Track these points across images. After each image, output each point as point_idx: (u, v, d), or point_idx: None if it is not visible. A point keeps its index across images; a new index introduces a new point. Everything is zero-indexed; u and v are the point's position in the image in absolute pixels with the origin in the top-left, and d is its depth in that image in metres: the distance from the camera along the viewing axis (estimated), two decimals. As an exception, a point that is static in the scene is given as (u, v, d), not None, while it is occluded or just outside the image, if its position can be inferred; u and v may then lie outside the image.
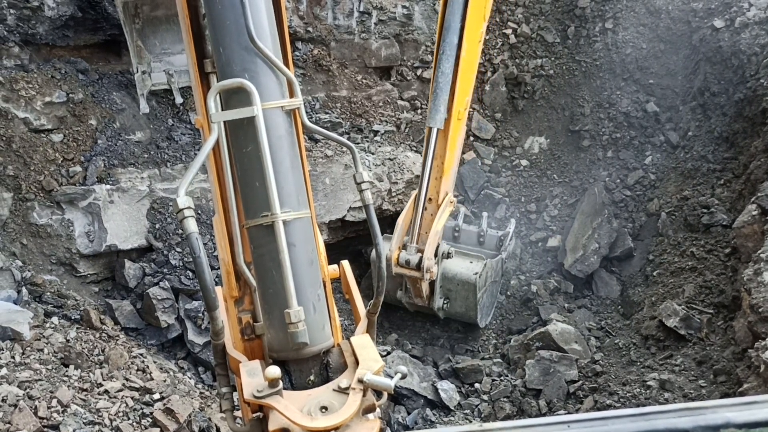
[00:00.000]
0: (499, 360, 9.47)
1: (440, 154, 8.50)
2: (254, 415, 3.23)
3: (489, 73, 11.94)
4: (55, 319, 7.98)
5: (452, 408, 8.71)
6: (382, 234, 3.99)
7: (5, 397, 6.36)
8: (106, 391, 7.09)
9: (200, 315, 8.91)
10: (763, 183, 8.43)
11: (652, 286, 9.43)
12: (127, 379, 7.41)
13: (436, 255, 8.70)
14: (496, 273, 9.88)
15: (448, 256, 9.03)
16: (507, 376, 9.05)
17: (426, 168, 8.45)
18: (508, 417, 8.39)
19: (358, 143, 10.82)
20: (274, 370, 2.93)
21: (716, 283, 8.54)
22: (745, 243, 8.09)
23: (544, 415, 8.30)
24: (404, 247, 8.59)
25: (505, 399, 8.66)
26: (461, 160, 11.66)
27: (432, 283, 9.06)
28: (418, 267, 8.44)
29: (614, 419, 1.50)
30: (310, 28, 11.26)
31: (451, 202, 8.90)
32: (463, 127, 8.82)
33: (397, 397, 8.80)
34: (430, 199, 8.66)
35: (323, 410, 2.98)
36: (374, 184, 10.38)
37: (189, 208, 2.99)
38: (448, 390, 8.81)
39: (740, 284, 7.66)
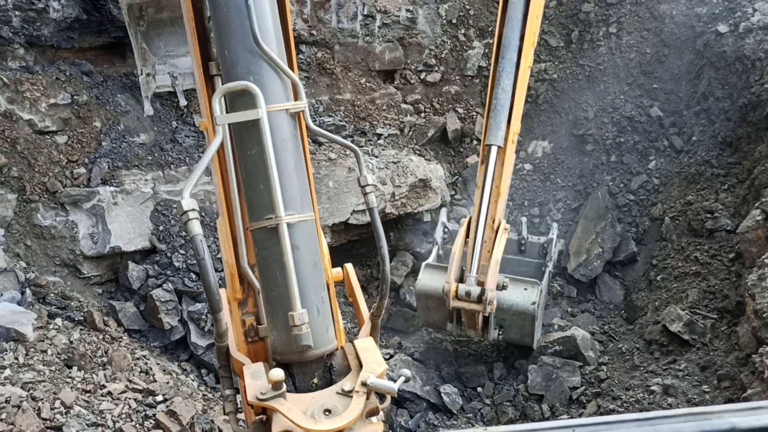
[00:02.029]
0: (501, 363, 9.45)
1: (497, 176, 7.91)
2: (257, 417, 3.22)
3: (493, 77, 11.93)
4: (58, 321, 7.99)
5: (455, 412, 8.69)
6: (388, 242, 3.98)
7: (9, 398, 6.37)
8: (109, 393, 7.09)
9: (203, 317, 8.92)
10: (767, 188, 8.42)
11: (655, 291, 9.41)
12: (130, 381, 7.41)
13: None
14: (547, 290, 9.45)
15: (504, 287, 8.30)
16: (510, 382, 9.02)
17: (486, 190, 7.81)
18: (511, 421, 8.38)
19: (361, 146, 10.83)
20: (278, 373, 2.93)
21: (720, 288, 8.52)
22: (749, 248, 8.07)
23: (548, 419, 8.28)
24: (461, 279, 7.91)
25: (507, 403, 8.65)
26: (464, 164, 11.68)
27: (486, 317, 8.30)
28: (479, 300, 7.73)
29: (619, 424, 1.49)
30: (314, 32, 11.28)
31: (506, 229, 8.25)
32: (514, 152, 8.26)
33: (400, 400, 8.77)
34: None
35: (327, 413, 2.97)
36: (378, 188, 10.38)
37: (193, 210, 2.99)
38: (450, 394, 8.79)
39: (744, 289, 7.64)
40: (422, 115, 11.76)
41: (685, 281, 9.02)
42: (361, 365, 3.18)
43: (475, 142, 11.77)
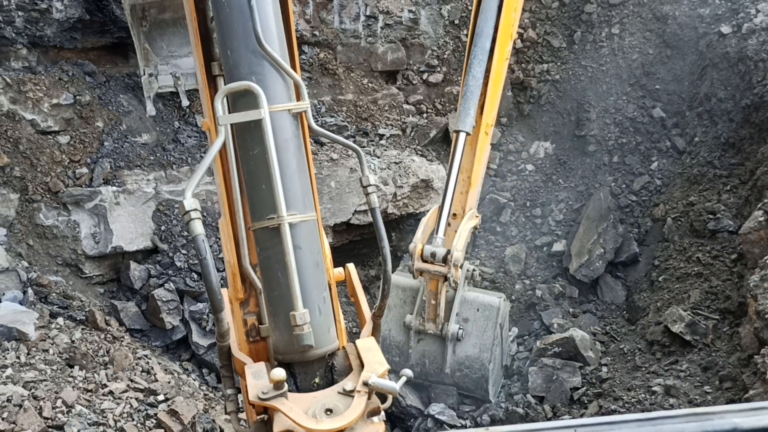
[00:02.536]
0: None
1: (466, 168, 7.96)
2: (259, 417, 3.23)
3: (495, 78, 11.94)
4: (60, 320, 8.01)
5: (458, 425, 8.60)
6: (389, 242, 3.98)
7: (10, 398, 6.38)
8: (111, 392, 7.10)
9: (205, 317, 8.93)
10: (769, 189, 8.41)
11: (657, 292, 9.40)
12: (131, 380, 7.42)
13: (461, 266, 7.90)
14: (506, 335, 8.97)
15: (473, 276, 8.30)
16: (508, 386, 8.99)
17: (451, 178, 7.83)
18: (521, 419, 8.36)
19: (363, 147, 10.83)
20: (280, 372, 2.93)
21: (722, 288, 8.51)
22: (752, 249, 8.06)
23: (549, 419, 8.27)
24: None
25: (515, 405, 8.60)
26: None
27: (449, 304, 8.16)
28: (444, 261, 7.60)
29: (621, 424, 1.50)
30: (316, 32, 11.29)
31: (477, 217, 8.27)
32: (489, 143, 8.31)
33: (405, 417, 8.64)
34: (454, 215, 8.08)
35: (328, 413, 2.97)
36: (380, 188, 10.38)
37: (195, 210, 3.00)
38: (443, 411, 8.38)
39: (746, 290, 7.63)
40: (424, 115, 11.77)
41: (687, 282, 9.01)
42: (362, 365, 3.19)
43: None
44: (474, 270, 8.45)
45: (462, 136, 7.82)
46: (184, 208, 2.99)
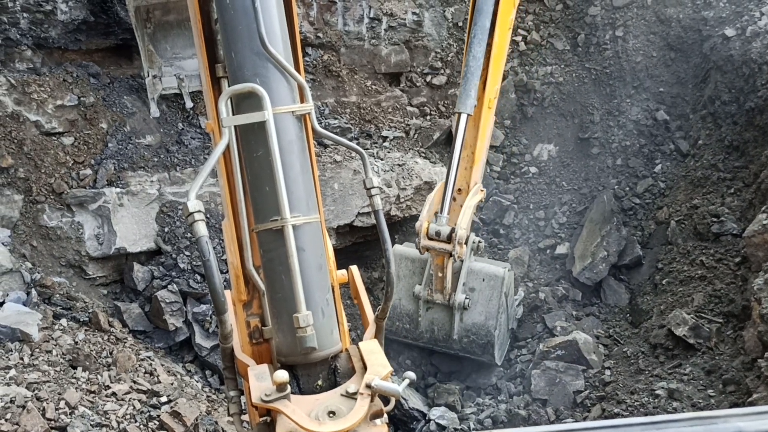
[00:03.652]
0: (501, 369, 9.42)
1: (470, 144, 8.21)
2: (262, 419, 3.22)
3: (498, 80, 11.94)
4: (63, 321, 8.02)
5: (456, 428, 8.61)
6: (393, 244, 3.97)
7: (13, 399, 6.39)
8: (114, 394, 7.11)
9: (208, 318, 8.93)
10: (773, 192, 8.39)
11: (660, 295, 9.37)
12: (134, 382, 7.43)
13: (466, 242, 8.24)
14: (512, 301, 9.44)
15: (478, 247, 8.58)
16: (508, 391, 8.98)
17: (455, 157, 8.09)
18: (523, 421, 8.36)
19: (367, 149, 10.83)
20: (282, 375, 2.93)
21: (726, 292, 8.49)
22: (756, 252, 8.04)
23: (552, 423, 8.26)
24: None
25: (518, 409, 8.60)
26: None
27: (456, 275, 8.57)
28: (449, 239, 7.97)
29: (624, 427, 1.49)
30: (320, 34, 11.30)
31: (482, 191, 8.59)
32: (493, 117, 8.53)
33: (407, 420, 8.68)
34: (459, 190, 8.37)
35: (331, 415, 2.97)
36: (383, 190, 10.38)
37: (199, 211, 3.00)
38: (443, 415, 8.54)
39: (750, 293, 7.61)
40: (428, 117, 11.77)
41: (690, 285, 8.98)
42: (365, 367, 3.19)
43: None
44: (480, 242, 8.69)
45: (464, 117, 8.01)
46: (187, 209, 2.99)
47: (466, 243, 8.22)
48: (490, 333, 8.76)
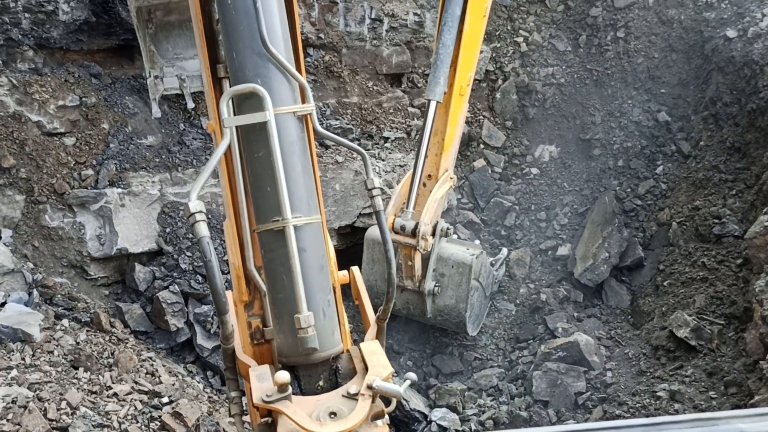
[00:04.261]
0: (503, 370, 9.41)
1: (440, 130, 8.20)
2: (263, 419, 3.22)
3: (500, 81, 11.94)
4: (65, 322, 8.02)
5: (458, 429, 8.62)
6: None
7: (15, 399, 6.39)
8: (115, 394, 7.11)
9: (209, 319, 8.93)
10: (775, 193, 8.38)
11: (662, 296, 9.37)
12: (136, 383, 7.43)
13: (434, 232, 8.37)
14: (488, 274, 9.65)
15: (447, 233, 8.70)
16: (508, 393, 8.98)
17: (423, 143, 8.08)
18: (524, 422, 8.35)
19: (368, 150, 10.84)
20: (284, 375, 2.93)
21: (727, 293, 8.48)
22: (757, 254, 8.03)
23: (554, 424, 8.25)
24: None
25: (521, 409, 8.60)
26: (471, 168, 11.67)
27: (425, 262, 8.68)
28: (414, 234, 8.05)
29: (626, 429, 1.49)
30: (321, 35, 11.31)
31: (451, 179, 8.59)
32: (465, 104, 8.51)
33: (409, 421, 8.70)
34: (429, 176, 8.35)
35: (332, 416, 2.97)
36: (384, 191, 10.37)
37: (200, 212, 3.00)
38: (445, 417, 8.61)
39: (752, 295, 7.60)
40: (429, 118, 11.75)
41: (692, 287, 8.98)
42: (366, 368, 3.18)
43: (482, 146, 11.77)
44: (449, 228, 8.84)
45: (432, 104, 7.98)
46: (189, 210, 2.99)
47: (433, 234, 8.40)
48: (461, 314, 9.12)
